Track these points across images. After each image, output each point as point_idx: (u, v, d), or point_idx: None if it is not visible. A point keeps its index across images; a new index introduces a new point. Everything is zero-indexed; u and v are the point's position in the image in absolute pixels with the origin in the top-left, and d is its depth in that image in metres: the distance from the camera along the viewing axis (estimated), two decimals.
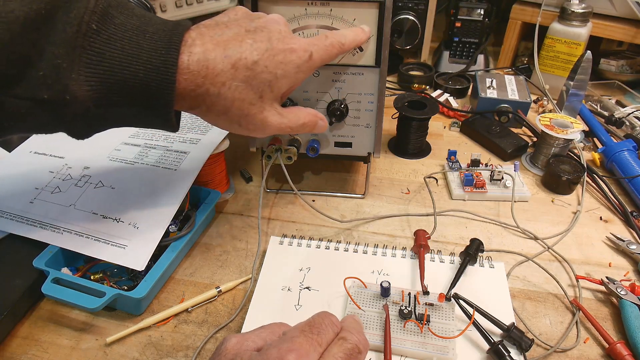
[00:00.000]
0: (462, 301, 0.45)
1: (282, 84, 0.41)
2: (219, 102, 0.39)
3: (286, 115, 0.45)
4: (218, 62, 0.38)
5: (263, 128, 0.43)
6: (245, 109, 0.40)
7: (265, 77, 0.40)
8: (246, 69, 0.39)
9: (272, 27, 0.41)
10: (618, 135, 0.76)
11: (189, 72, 0.37)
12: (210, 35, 0.39)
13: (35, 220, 0.52)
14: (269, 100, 0.42)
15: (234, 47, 0.38)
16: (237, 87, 0.39)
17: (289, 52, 0.41)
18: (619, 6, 0.85)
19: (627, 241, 0.56)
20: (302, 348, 0.30)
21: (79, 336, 0.46)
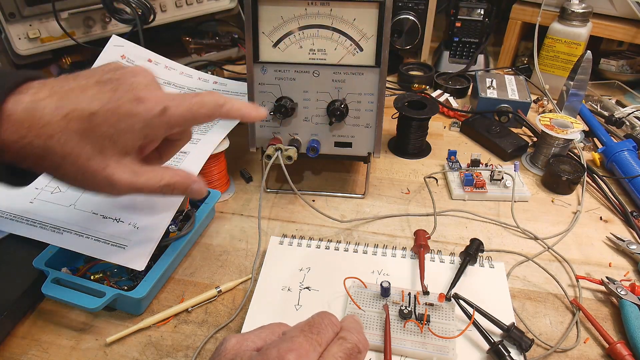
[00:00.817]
0: (462, 301, 0.45)
1: (126, 138, 0.37)
2: (47, 157, 0.35)
3: (143, 174, 0.39)
4: (47, 112, 0.34)
5: (109, 187, 0.38)
6: (82, 164, 0.36)
7: (105, 130, 0.36)
8: (81, 120, 0.35)
9: (126, 78, 0.37)
10: (618, 135, 0.76)
11: (11, 122, 0.33)
12: (52, 85, 0.36)
13: (35, 220, 0.52)
14: (115, 155, 0.37)
15: (72, 97, 0.35)
16: (67, 140, 0.35)
17: (136, 103, 0.36)
18: (619, 6, 0.85)
19: (627, 241, 0.56)
20: (301, 348, 0.30)
21: (79, 336, 0.46)
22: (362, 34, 0.52)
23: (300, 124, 0.57)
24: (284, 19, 0.52)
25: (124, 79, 0.37)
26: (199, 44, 1.00)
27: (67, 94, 0.35)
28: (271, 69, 0.54)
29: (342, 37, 0.52)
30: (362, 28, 0.51)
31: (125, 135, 0.37)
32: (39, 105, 0.34)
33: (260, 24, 0.52)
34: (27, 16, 0.79)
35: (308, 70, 0.54)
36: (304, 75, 0.54)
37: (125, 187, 0.39)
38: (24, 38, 0.80)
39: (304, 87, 0.55)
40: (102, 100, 0.36)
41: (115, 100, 0.36)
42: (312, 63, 0.54)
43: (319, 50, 0.53)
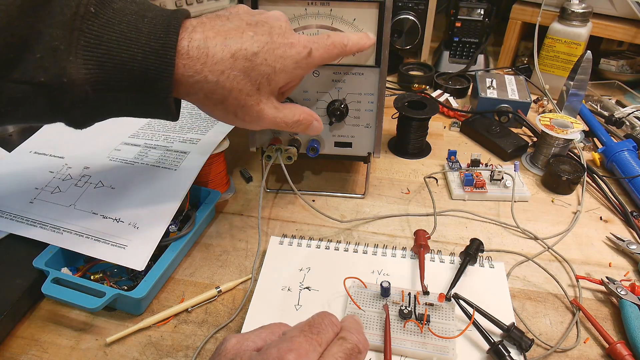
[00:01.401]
0: (462, 301, 0.45)
1: (279, 77, 0.42)
2: (217, 91, 0.39)
3: (282, 110, 0.45)
4: (218, 50, 0.38)
5: (258, 120, 0.43)
6: (242, 99, 0.40)
7: (263, 69, 0.40)
8: (245, 59, 0.39)
9: (273, 22, 0.42)
10: (618, 135, 0.76)
11: (188, 58, 0.37)
12: (212, 24, 0.39)
13: (35, 220, 0.52)
14: (266, 93, 0.42)
15: (235, 37, 0.39)
16: (235, 76, 0.39)
17: (289, 47, 0.41)
18: (619, 6, 0.85)
19: (627, 241, 0.56)
20: (301, 348, 0.30)
21: (79, 336, 0.46)
22: None
23: None
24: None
25: (272, 22, 0.41)
26: None
27: (228, 33, 0.39)
28: None
29: None
30: (362, 28, 0.51)
31: (279, 74, 0.41)
32: (210, 43, 0.38)
33: None
34: None
35: None
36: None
37: (269, 121, 0.44)
38: None
39: (304, 87, 0.55)
40: (261, 42, 0.40)
41: (272, 43, 0.40)
42: None
43: None
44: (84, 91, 0.35)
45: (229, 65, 0.38)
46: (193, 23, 0.38)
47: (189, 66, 0.37)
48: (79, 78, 0.34)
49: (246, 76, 0.39)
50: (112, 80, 0.36)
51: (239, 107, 0.41)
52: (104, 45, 0.35)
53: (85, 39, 0.34)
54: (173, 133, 0.64)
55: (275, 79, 0.41)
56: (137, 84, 0.36)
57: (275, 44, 0.40)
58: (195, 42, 0.37)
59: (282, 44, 0.41)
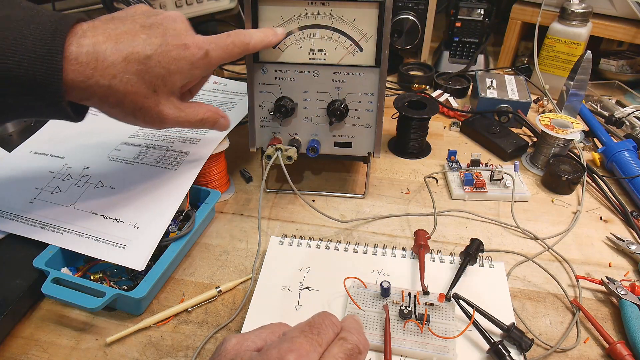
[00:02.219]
0: (462, 301, 0.45)
1: (175, 78, 0.42)
2: (111, 94, 0.39)
3: (184, 109, 0.45)
4: (109, 55, 0.38)
5: (160, 121, 0.44)
6: (139, 101, 0.41)
7: (158, 71, 0.40)
8: (138, 62, 0.39)
9: (168, 24, 0.42)
10: (618, 135, 0.76)
11: (77, 63, 0.37)
12: (104, 28, 0.39)
13: (35, 220, 0.52)
14: (164, 94, 0.42)
15: (127, 41, 0.39)
16: (129, 79, 0.39)
17: (183, 49, 0.41)
18: (619, 6, 0.85)
19: (627, 241, 0.56)
20: (302, 348, 0.30)
21: (79, 336, 0.46)
22: (362, 34, 0.52)
23: (300, 124, 0.57)
24: (284, 19, 0.52)
25: (166, 24, 0.41)
26: None
27: (121, 37, 0.39)
28: (271, 69, 0.54)
29: (342, 37, 0.52)
30: (362, 28, 0.51)
31: (175, 76, 0.42)
32: (100, 48, 0.38)
33: (261, 24, 0.52)
34: None
35: (308, 70, 0.54)
36: (304, 75, 0.54)
37: (172, 121, 0.44)
38: None
39: (304, 87, 0.55)
40: (154, 45, 0.40)
41: (165, 45, 0.40)
42: (312, 63, 0.54)
43: (319, 50, 0.53)
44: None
45: (121, 69, 0.38)
46: (84, 27, 0.38)
47: (78, 71, 0.37)
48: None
49: (140, 79, 0.40)
50: (1, 87, 0.35)
51: (136, 109, 0.41)
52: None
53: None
54: (173, 133, 0.64)
55: (171, 80, 0.42)
56: (26, 89, 0.36)
57: (169, 46, 0.41)
58: (84, 47, 0.37)
59: (176, 46, 0.41)
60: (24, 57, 0.35)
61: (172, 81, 0.42)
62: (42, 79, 0.36)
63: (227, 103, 0.72)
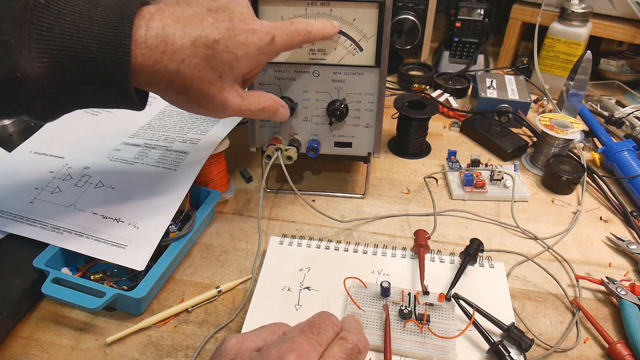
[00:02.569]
0: (462, 301, 0.45)
1: (242, 65, 0.41)
2: (178, 80, 0.38)
3: (247, 97, 0.44)
4: (177, 38, 0.37)
5: (223, 109, 0.42)
6: (205, 88, 0.40)
7: (225, 56, 0.39)
8: (206, 47, 0.38)
9: (234, 7, 0.40)
10: (618, 135, 0.76)
11: (146, 47, 0.36)
12: (170, 11, 0.38)
13: (35, 220, 0.52)
14: (229, 80, 0.41)
15: (195, 24, 0.38)
16: (196, 64, 0.38)
17: (251, 33, 0.40)
18: (619, 6, 0.85)
19: (627, 241, 0.56)
20: (302, 348, 0.30)
21: (79, 336, 0.46)
22: (362, 34, 0.52)
23: (300, 124, 0.57)
24: (284, 19, 0.52)
25: (233, 7, 0.40)
26: None
27: (188, 20, 0.38)
28: (271, 69, 0.54)
29: (342, 37, 0.52)
30: (362, 28, 0.51)
31: (242, 62, 0.40)
32: (169, 31, 0.36)
33: None
34: None
35: (308, 70, 0.54)
36: (304, 75, 0.54)
37: (234, 110, 0.43)
38: None
39: (304, 87, 0.55)
40: (222, 29, 0.39)
41: (233, 29, 0.39)
42: (312, 63, 0.54)
43: (319, 50, 0.53)
44: (40, 85, 0.34)
45: (189, 53, 0.37)
46: (151, 10, 0.37)
47: (147, 55, 0.36)
48: (33, 72, 0.33)
49: (208, 64, 0.39)
50: (68, 73, 0.35)
51: (201, 96, 0.40)
52: (56, 37, 0.34)
53: (37, 31, 0.33)
54: (173, 133, 0.64)
55: (237, 66, 0.41)
56: (94, 75, 0.35)
57: (237, 31, 0.39)
58: (153, 30, 0.36)
59: (243, 30, 0.40)
60: (92, 41, 0.34)
61: (238, 67, 0.41)
62: (111, 64, 0.35)
63: None
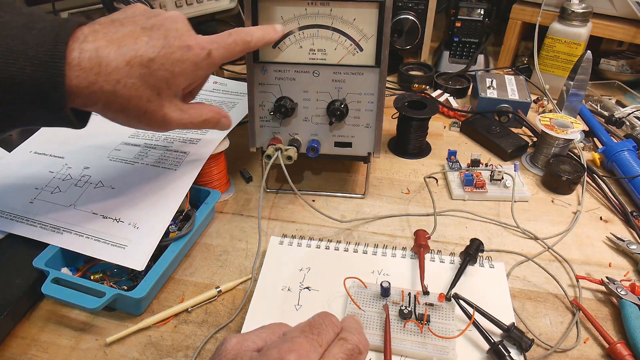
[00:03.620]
0: (462, 301, 0.45)
1: (179, 80, 0.41)
2: (115, 100, 0.39)
3: (187, 111, 0.45)
4: (112, 59, 0.37)
5: (164, 124, 0.43)
6: (144, 106, 0.40)
7: (162, 74, 0.40)
8: (141, 66, 0.38)
9: (169, 25, 0.41)
10: (618, 135, 0.76)
11: (80, 69, 0.36)
12: (104, 32, 0.38)
13: (35, 220, 0.52)
14: (168, 97, 0.42)
15: (129, 44, 0.38)
16: (132, 84, 0.38)
17: (186, 50, 0.41)
18: (619, 6, 0.85)
19: (627, 241, 0.56)
20: (302, 348, 0.30)
21: (79, 336, 0.46)
22: (362, 34, 0.52)
23: (300, 124, 0.57)
24: (284, 19, 0.52)
25: (168, 25, 0.41)
26: None
27: (122, 40, 0.38)
28: (271, 69, 0.54)
29: (342, 37, 0.52)
30: (362, 28, 0.51)
31: (178, 78, 0.41)
32: (103, 52, 0.37)
33: (261, 24, 0.52)
34: None
35: (308, 70, 0.54)
36: (304, 75, 0.54)
37: (176, 124, 0.44)
38: None
39: (304, 87, 0.55)
40: (156, 47, 0.39)
41: (168, 47, 0.40)
42: (312, 63, 0.54)
43: (319, 50, 0.53)
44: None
45: (124, 74, 0.38)
46: (85, 32, 0.37)
47: (82, 77, 0.36)
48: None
49: (144, 83, 0.39)
50: (4, 95, 0.35)
51: (141, 114, 0.41)
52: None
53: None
54: (173, 133, 0.64)
55: (175, 83, 0.41)
56: (29, 97, 0.35)
57: (172, 48, 0.40)
58: (86, 52, 0.36)
59: (179, 47, 0.40)
60: (27, 63, 0.35)
61: (176, 83, 0.41)
62: (46, 86, 0.35)
63: (227, 103, 0.72)
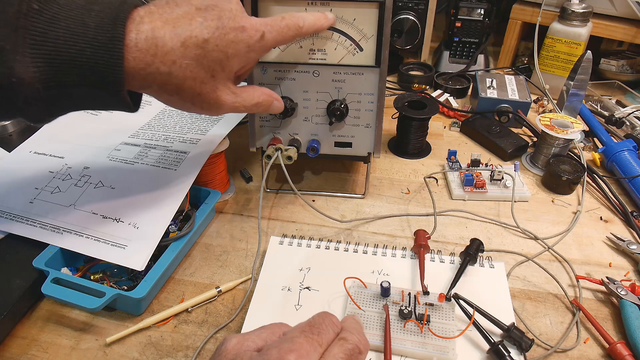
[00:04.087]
0: (462, 301, 0.45)
1: (233, 62, 0.41)
2: (171, 81, 0.39)
3: (240, 94, 0.44)
4: (167, 40, 0.37)
5: (217, 107, 0.43)
6: (198, 87, 0.40)
7: (216, 55, 0.39)
8: (196, 47, 0.38)
9: (223, 5, 0.40)
10: (618, 135, 0.76)
11: (137, 50, 0.36)
12: (160, 13, 0.38)
13: (35, 220, 0.52)
14: (222, 79, 0.41)
15: (184, 25, 0.38)
16: (187, 65, 0.38)
17: (240, 31, 0.40)
18: (619, 6, 0.85)
19: (627, 241, 0.56)
20: (302, 348, 0.30)
21: (79, 336, 0.46)
22: (362, 34, 0.52)
23: (300, 124, 0.57)
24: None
25: (222, 5, 0.40)
26: None
27: (177, 21, 0.38)
28: (271, 69, 0.54)
29: (342, 37, 0.52)
30: (362, 28, 0.51)
31: (232, 60, 0.41)
32: (158, 33, 0.37)
33: None
34: None
35: (308, 70, 0.54)
36: (304, 75, 0.54)
37: (228, 107, 0.43)
38: None
39: (304, 87, 0.55)
40: (211, 28, 0.39)
41: (222, 28, 0.39)
42: (312, 63, 0.54)
43: (319, 50, 0.53)
44: (35, 89, 0.34)
45: (180, 55, 0.38)
46: (141, 13, 0.37)
47: (139, 59, 0.36)
48: (29, 77, 0.34)
49: (199, 64, 0.39)
50: (63, 77, 0.35)
51: (195, 96, 0.40)
52: (50, 42, 0.34)
53: (31, 36, 0.34)
54: (173, 133, 0.64)
55: (228, 65, 0.41)
56: (88, 78, 0.36)
57: (226, 29, 0.39)
58: (143, 33, 0.36)
59: (233, 29, 0.40)
60: (86, 45, 0.35)
61: (229, 65, 0.41)
62: (104, 68, 0.35)
63: None
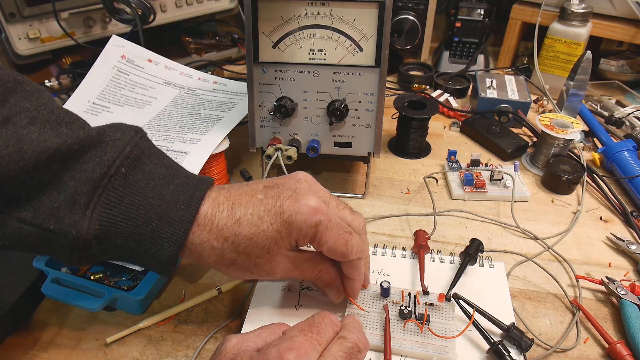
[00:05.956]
0: (462, 301, 0.45)
1: (288, 240, 0.39)
2: (224, 255, 0.38)
3: (299, 264, 0.41)
4: (223, 217, 0.37)
5: (270, 275, 0.41)
6: (252, 260, 0.39)
7: (270, 234, 0.38)
8: (250, 225, 0.37)
9: (289, 183, 0.40)
10: (618, 135, 0.76)
11: (197, 225, 0.37)
12: (228, 189, 0.39)
13: None
14: (279, 251, 0.39)
15: (243, 202, 0.38)
16: (240, 242, 0.38)
17: (295, 213, 0.38)
18: (619, 6, 0.85)
19: (627, 241, 0.56)
20: (301, 347, 0.30)
21: (79, 336, 0.46)
22: (362, 34, 0.52)
23: (300, 124, 0.57)
24: (283, 19, 0.52)
25: (288, 184, 0.40)
26: (199, 44, 1.00)
27: (238, 198, 0.39)
28: (271, 69, 0.54)
29: (342, 37, 0.52)
30: (362, 28, 0.51)
31: (289, 237, 0.38)
32: (217, 210, 0.38)
33: (260, 24, 0.52)
34: (27, 16, 0.79)
35: (308, 70, 0.54)
36: (304, 75, 0.54)
37: (282, 276, 0.41)
38: (24, 38, 0.80)
39: (304, 87, 0.55)
40: (268, 206, 0.38)
41: (279, 206, 0.38)
42: (312, 63, 0.54)
43: (319, 50, 0.53)
44: (88, 244, 0.35)
45: (233, 232, 0.37)
46: (214, 193, 0.39)
47: (196, 234, 0.37)
48: (89, 233, 0.34)
49: (252, 242, 0.38)
50: (120, 238, 0.36)
51: (251, 266, 0.39)
52: (124, 205, 0.35)
53: (108, 197, 0.34)
54: (173, 133, 0.64)
55: (283, 242, 0.39)
56: (143, 245, 0.36)
57: (283, 207, 0.38)
58: (205, 209, 0.37)
59: (289, 207, 0.38)
60: (155, 216, 0.36)
61: (283, 243, 0.39)
62: (165, 240, 0.36)
63: (227, 103, 0.72)
